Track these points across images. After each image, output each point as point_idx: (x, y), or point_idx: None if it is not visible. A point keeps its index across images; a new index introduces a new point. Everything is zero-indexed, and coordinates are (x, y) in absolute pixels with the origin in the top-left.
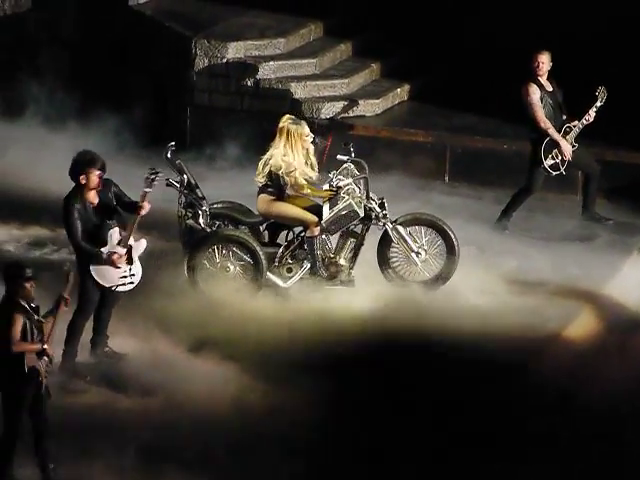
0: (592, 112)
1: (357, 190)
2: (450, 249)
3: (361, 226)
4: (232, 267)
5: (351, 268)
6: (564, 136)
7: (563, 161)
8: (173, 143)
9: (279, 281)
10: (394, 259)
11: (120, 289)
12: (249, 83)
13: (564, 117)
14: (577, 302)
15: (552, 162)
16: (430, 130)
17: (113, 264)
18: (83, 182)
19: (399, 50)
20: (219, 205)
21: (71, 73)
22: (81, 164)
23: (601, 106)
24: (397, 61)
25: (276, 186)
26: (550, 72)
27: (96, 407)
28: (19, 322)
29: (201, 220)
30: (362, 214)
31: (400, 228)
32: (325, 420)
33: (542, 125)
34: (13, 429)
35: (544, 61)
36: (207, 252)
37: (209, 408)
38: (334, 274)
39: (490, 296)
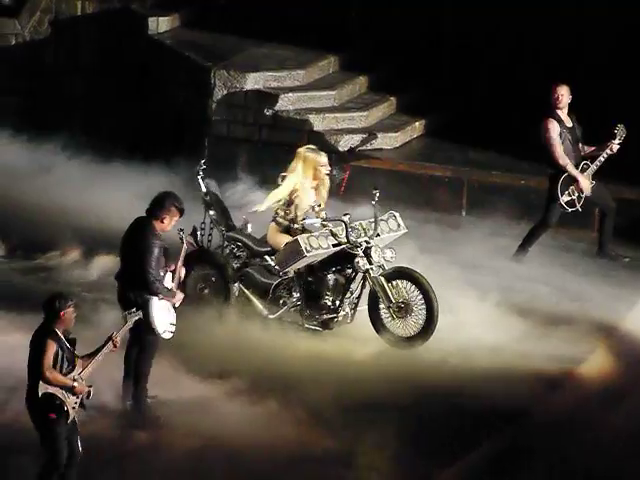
0: (610, 150)
1: (335, 232)
2: (429, 307)
3: (349, 271)
4: (207, 288)
5: (336, 311)
6: (582, 172)
7: (580, 197)
8: (203, 162)
9: (264, 311)
10: (382, 310)
11: (165, 336)
12: (267, 114)
13: (583, 152)
14: (593, 339)
15: (569, 198)
16: (447, 164)
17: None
18: (163, 220)
19: (417, 84)
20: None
21: (88, 102)
22: (170, 204)
23: (619, 144)
24: (416, 95)
25: (284, 216)
26: (570, 105)
27: (132, 451)
28: (52, 349)
29: (199, 237)
30: (307, 254)
31: (382, 279)
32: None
33: (560, 162)
34: (54, 459)
35: (563, 93)
36: (191, 271)
37: (243, 450)
38: (317, 313)
39: (503, 333)
